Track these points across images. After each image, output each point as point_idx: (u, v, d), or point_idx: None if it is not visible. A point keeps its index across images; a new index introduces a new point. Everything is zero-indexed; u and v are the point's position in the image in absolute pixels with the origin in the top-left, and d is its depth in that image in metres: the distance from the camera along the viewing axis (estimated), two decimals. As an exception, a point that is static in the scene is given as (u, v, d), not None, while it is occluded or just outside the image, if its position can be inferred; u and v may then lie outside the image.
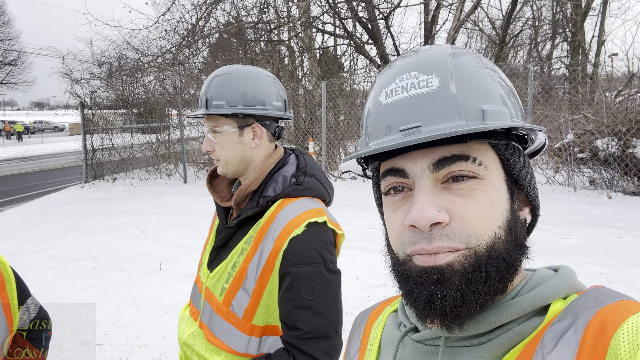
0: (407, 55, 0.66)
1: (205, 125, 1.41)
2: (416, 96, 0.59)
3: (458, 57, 0.62)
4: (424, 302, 0.57)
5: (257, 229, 1.34)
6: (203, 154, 13.38)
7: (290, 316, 1.25)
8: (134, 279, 5.05)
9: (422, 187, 0.58)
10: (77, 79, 13.74)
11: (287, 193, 1.36)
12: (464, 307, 0.56)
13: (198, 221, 7.52)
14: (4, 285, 1.45)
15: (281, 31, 14.81)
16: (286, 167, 1.43)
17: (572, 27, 14.86)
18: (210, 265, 1.45)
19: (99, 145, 13.14)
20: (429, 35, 13.67)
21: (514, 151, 0.63)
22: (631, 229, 6.01)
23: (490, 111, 0.58)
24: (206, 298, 1.41)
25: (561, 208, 7.16)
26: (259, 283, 1.30)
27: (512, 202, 0.61)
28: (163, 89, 14.66)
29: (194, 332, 1.42)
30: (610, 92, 9.85)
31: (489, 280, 0.56)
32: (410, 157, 0.60)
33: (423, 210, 0.56)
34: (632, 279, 4.43)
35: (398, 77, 0.62)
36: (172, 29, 13.70)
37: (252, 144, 1.40)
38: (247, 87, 1.38)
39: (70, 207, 9.54)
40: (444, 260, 0.56)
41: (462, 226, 0.56)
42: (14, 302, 1.47)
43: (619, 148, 7.67)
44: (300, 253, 1.26)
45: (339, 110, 11.60)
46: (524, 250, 0.61)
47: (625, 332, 0.49)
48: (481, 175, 0.59)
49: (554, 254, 5.12)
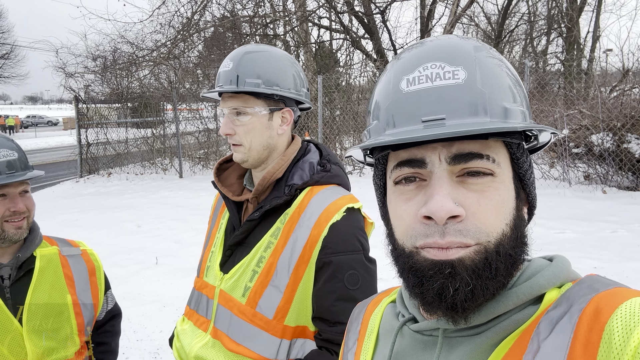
0: (426, 42, 0.64)
1: (227, 105, 1.27)
2: (442, 87, 0.58)
3: (479, 51, 0.61)
4: (434, 295, 0.57)
5: (284, 219, 1.24)
6: (199, 148, 13.34)
7: (333, 310, 1.15)
8: (130, 273, 5.05)
9: (440, 178, 0.58)
10: (72, 73, 13.65)
11: (317, 180, 1.27)
12: (473, 301, 0.56)
13: (194, 216, 7.51)
14: (95, 272, 1.64)
15: (277, 25, 14.76)
16: (310, 154, 1.34)
17: (568, 22, 14.89)
18: (224, 266, 1.32)
19: (94, 140, 13.06)
20: (425, 30, 13.65)
21: (523, 150, 0.64)
22: (625, 223, 6.05)
23: (511, 110, 0.59)
24: (222, 302, 1.28)
25: (556, 203, 7.20)
26: (293, 277, 1.19)
27: (517, 201, 0.62)
28: (158, 83, 14.59)
29: (206, 344, 1.26)
30: (605, 88, 9.89)
31: (498, 276, 0.57)
32: (430, 147, 0.59)
33: (443, 203, 0.56)
34: (626, 272, 4.47)
35: (422, 65, 0.60)
36: (167, 23, 13.63)
37: (279, 129, 1.29)
38: (280, 68, 1.27)
39: (65, 202, 9.51)
40: (456, 255, 0.56)
41: (475, 222, 0.57)
42: (102, 289, 1.65)
43: (613, 143, 7.70)
44: (342, 240, 1.17)
45: (335, 105, 11.58)
46: (526, 247, 0.62)
47: (619, 317, 0.50)
48: (496, 173, 0.59)
49: (549, 248, 5.16)
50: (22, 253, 1.47)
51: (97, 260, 1.68)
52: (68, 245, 1.64)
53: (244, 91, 1.23)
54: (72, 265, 1.58)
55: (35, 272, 1.49)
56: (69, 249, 1.62)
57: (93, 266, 1.64)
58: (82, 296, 1.57)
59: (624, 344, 0.47)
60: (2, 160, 1.40)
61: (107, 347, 1.73)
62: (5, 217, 1.40)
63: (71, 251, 1.62)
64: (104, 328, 1.71)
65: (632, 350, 0.46)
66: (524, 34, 19.31)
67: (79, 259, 1.62)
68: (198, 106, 13.72)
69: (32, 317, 1.43)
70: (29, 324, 1.42)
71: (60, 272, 1.54)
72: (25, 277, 1.48)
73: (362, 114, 11.13)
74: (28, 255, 1.48)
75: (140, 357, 3.42)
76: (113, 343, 1.76)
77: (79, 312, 1.54)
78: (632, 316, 0.49)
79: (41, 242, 1.55)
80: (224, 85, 1.26)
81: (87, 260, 1.64)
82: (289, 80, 1.29)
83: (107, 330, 1.72)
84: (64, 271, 1.55)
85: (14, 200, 1.42)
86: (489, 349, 0.58)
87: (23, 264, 1.48)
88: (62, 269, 1.55)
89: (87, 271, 1.61)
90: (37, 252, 1.52)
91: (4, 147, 1.43)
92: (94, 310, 1.61)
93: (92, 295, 1.60)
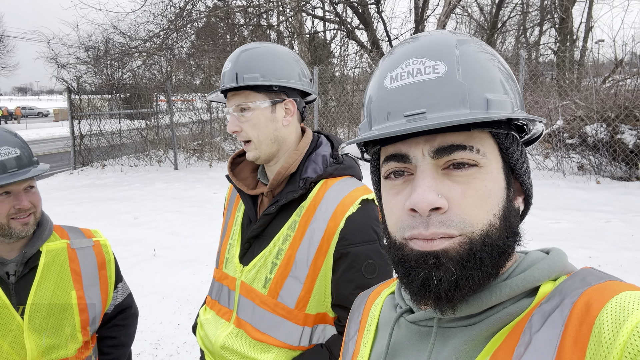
0: (412, 40, 0.66)
1: (231, 104, 1.31)
2: (422, 82, 0.59)
3: (464, 44, 0.62)
4: (420, 285, 0.59)
5: (301, 212, 1.27)
6: (193, 140, 13.28)
7: (352, 298, 1.15)
8: (128, 265, 5.04)
9: (424, 172, 0.59)
10: (64, 64, 13.48)
11: (330, 172, 1.29)
12: (457, 291, 0.57)
13: (191, 207, 7.50)
14: (105, 265, 1.60)
15: (270, 15, 14.65)
16: (322, 147, 1.36)
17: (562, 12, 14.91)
18: (243, 259, 1.36)
19: (87, 131, 12.95)
20: (420, 20, 13.63)
21: (513, 140, 0.64)
22: (619, 213, 6.12)
23: (494, 100, 0.59)
24: (243, 293, 1.32)
25: (551, 193, 7.26)
26: (312, 268, 1.22)
27: (508, 191, 0.62)
28: (151, 74, 14.46)
29: (230, 333, 1.31)
30: (598, 78, 9.94)
31: (483, 267, 0.58)
32: (414, 142, 0.60)
33: (424, 195, 0.57)
34: (620, 262, 4.53)
35: (404, 62, 0.62)
36: (160, 13, 13.50)
37: (284, 121, 1.31)
38: (278, 60, 1.30)
39: (59, 194, 9.44)
40: (440, 246, 0.57)
41: (459, 213, 0.58)
42: (111, 282, 1.62)
43: (607, 134, 7.77)
44: (359, 231, 1.20)
45: (330, 96, 11.56)
46: (517, 237, 0.62)
47: (609, 311, 0.50)
48: (481, 164, 0.59)
49: (544, 238, 5.21)
50: (28, 249, 1.44)
51: (108, 252, 1.64)
52: (81, 237, 1.61)
53: (243, 86, 1.26)
54: (80, 259, 1.55)
55: (39, 269, 1.46)
56: (81, 241, 1.59)
57: (103, 259, 1.61)
58: (89, 291, 1.54)
59: (613, 338, 0.48)
60: (3, 159, 1.36)
61: (116, 341, 1.70)
62: (10, 214, 1.38)
63: (82, 243, 1.58)
64: (112, 322, 1.69)
65: (621, 344, 0.47)
66: (517, 25, 19.33)
67: (89, 252, 1.58)
68: (192, 97, 13.63)
69: (33, 317, 1.42)
70: (30, 323, 1.41)
71: (67, 267, 1.51)
72: (31, 274, 1.46)
73: (356, 105, 11.12)
74: (34, 252, 1.46)
75: (141, 348, 3.44)
76: (123, 337, 1.72)
77: (84, 308, 1.52)
78: (622, 310, 0.49)
79: (50, 235, 1.52)
80: (223, 85, 1.30)
81: (97, 252, 1.60)
82: (287, 71, 1.31)
83: (116, 324, 1.69)
84: (71, 266, 1.52)
85: (19, 197, 1.39)
86: (483, 340, 0.59)
87: (29, 260, 1.45)
88: (70, 264, 1.52)
89: (97, 265, 1.58)
90: (43, 247, 1.49)
91: (5, 144, 1.39)
92: (102, 304, 1.58)
93: (100, 290, 1.57)
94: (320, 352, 1.24)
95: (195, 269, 4.86)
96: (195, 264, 5.00)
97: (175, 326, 3.75)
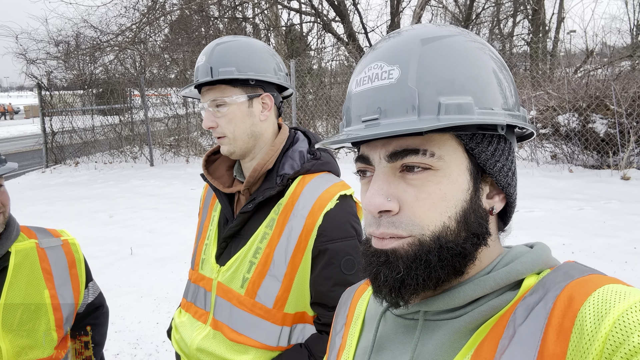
0: (386, 39, 0.66)
1: (206, 99, 1.27)
2: (378, 88, 0.61)
3: (430, 42, 0.60)
4: (372, 279, 0.63)
5: (279, 210, 1.25)
6: (169, 135, 13.09)
7: (330, 295, 1.17)
8: (104, 264, 4.95)
9: (377, 175, 0.61)
10: (33, 59, 13.09)
11: (308, 168, 1.28)
12: (403, 289, 0.60)
13: (168, 205, 7.40)
14: (75, 264, 1.59)
15: (245, 8, 14.49)
16: (299, 143, 1.34)
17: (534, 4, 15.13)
18: (220, 259, 1.33)
19: (59, 128, 12.64)
20: (396, 12, 13.65)
21: (482, 140, 0.62)
22: (591, 201, 6.27)
23: (448, 104, 0.58)
24: (220, 294, 1.28)
25: (525, 182, 7.39)
26: (290, 266, 1.20)
27: (473, 192, 0.61)
28: (124, 68, 14.16)
29: (207, 335, 1.27)
30: (570, 69, 10.13)
31: (429, 268, 0.59)
32: (373, 145, 0.63)
33: (371, 198, 0.60)
34: (592, 248, 4.65)
35: (367, 66, 0.63)
36: (132, 6, 13.20)
37: (261, 116, 1.29)
38: (253, 54, 1.27)
39: (31, 193, 9.21)
40: (389, 245, 0.60)
41: (410, 216, 0.59)
42: (82, 281, 1.61)
43: (579, 123, 7.94)
44: (337, 228, 1.19)
45: (308, 90, 11.51)
46: (480, 238, 0.62)
47: (591, 305, 0.51)
48: (435, 167, 0.59)
49: (519, 226, 5.30)
50: None
51: (77, 251, 1.61)
52: (48, 236, 1.58)
53: (219, 79, 1.23)
54: (50, 258, 1.52)
55: (9, 269, 1.43)
56: (49, 240, 1.56)
57: (73, 258, 1.59)
58: (62, 290, 1.52)
59: (595, 331, 0.48)
60: None
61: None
62: None
63: (51, 242, 1.56)
64: (85, 321, 1.67)
65: (602, 337, 0.48)
66: (491, 17, 19.53)
67: (59, 251, 1.56)
68: (167, 91, 13.41)
69: (6, 317, 1.39)
70: (3, 323, 1.38)
71: (38, 267, 1.48)
72: (1, 275, 1.42)
73: (334, 98, 11.10)
74: (4, 252, 1.42)
75: (119, 348, 3.39)
76: (96, 336, 1.71)
77: (58, 307, 1.49)
78: (604, 304, 0.50)
79: (18, 236, 1.49)
80: (197, 80, 1.26)
81: (67, 251, 1.58)
82: (263, 65, 1.29)
83: (88, 323, 1.68)
84: (42, 265, 1.49)
85: None
86: (468, 333, 0.60)
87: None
88: (40, 263, 1.49)
89: (67, 264, 1.56)
90: (12, 247, 1.46)
91: None
92: (74, 303, 1.56)
93: (72, 289, 1.55)
94: (299, 351, 1.21)
95: (174, 267, 4.80)
96: (174, 262, 4.94)
97: (154, 325, 3.70)
